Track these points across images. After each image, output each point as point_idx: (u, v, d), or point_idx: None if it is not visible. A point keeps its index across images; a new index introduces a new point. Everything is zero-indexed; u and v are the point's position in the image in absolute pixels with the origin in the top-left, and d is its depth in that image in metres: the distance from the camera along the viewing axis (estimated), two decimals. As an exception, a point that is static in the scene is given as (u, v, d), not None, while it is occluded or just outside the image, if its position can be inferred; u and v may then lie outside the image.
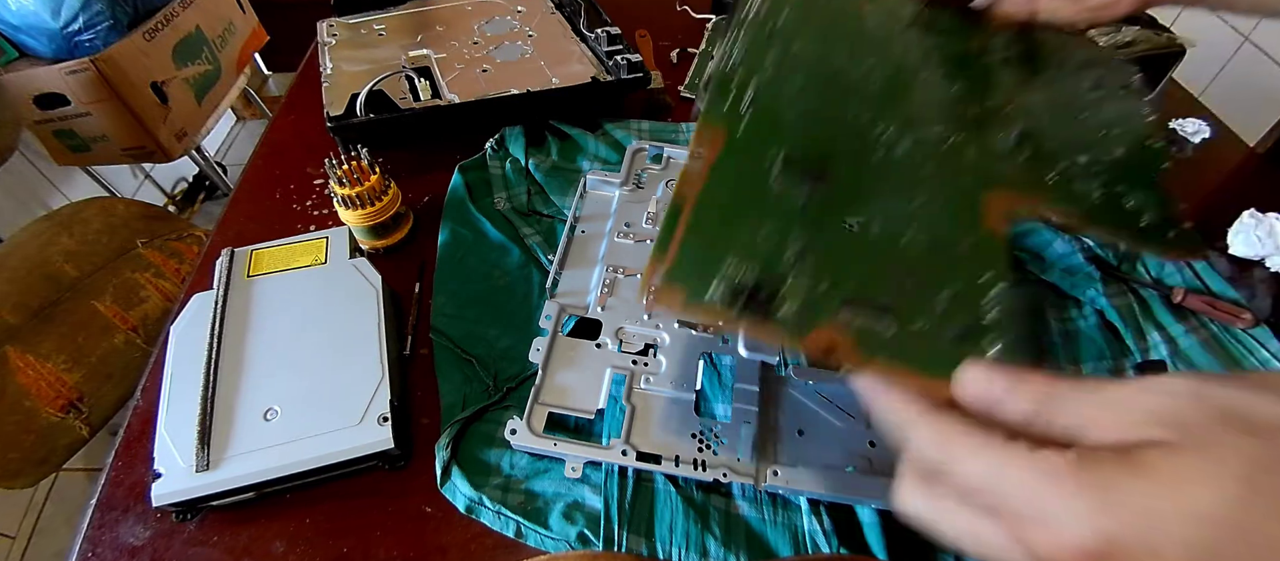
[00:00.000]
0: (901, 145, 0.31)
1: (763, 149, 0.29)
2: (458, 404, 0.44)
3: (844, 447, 0.37)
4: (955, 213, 0.29)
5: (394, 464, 0.41)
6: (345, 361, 0.42)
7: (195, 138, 1.46)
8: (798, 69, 0.33)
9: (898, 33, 0.36)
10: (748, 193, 0.28)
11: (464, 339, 0.47)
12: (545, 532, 0.38)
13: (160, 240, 0.99)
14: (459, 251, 0.53)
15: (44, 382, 0.82)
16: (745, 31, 0.34)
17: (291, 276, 0.48)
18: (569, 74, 0.66)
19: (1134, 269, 0.51)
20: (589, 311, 0.46)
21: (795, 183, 0.28)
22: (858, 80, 0.33)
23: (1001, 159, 0.32)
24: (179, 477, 0.38)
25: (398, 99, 0.63)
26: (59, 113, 1.25)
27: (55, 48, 1.20)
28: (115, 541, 0.39)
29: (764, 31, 0.34)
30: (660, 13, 0.85)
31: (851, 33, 0.36)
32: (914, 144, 0.31)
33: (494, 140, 0.62)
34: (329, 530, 0.39)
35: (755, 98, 0.31)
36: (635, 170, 0.56)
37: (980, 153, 0.31)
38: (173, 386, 0.41)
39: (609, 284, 0.48)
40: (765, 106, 0.31)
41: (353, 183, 0.50)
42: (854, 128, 0.31)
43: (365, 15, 0.78)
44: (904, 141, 0.31)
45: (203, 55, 1.44)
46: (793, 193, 0.28)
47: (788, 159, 0.29)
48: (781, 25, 0.35)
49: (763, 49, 0.33)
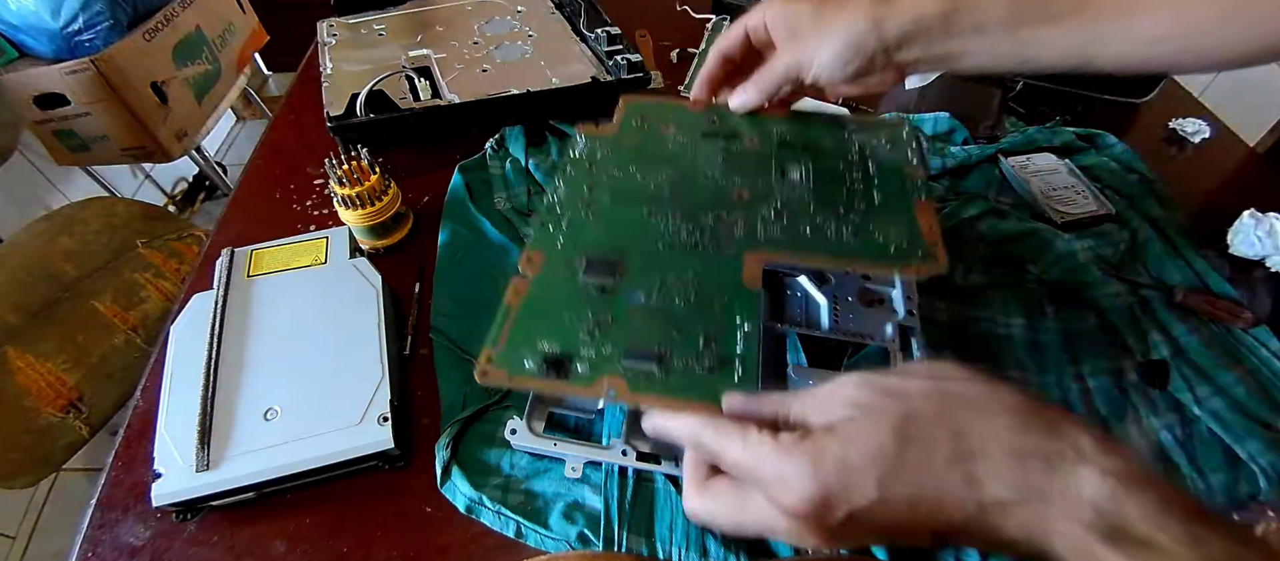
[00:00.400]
0: (681, 232, 0.40)
1: (571, 258, 0.38)
2: (458, 404, 0.44)
3: None
4: (719, 277, 0.37)
5: (394, 464, 0.41)
6: (345, 361, 0.42)
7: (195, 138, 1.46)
8: (604, 191, 0.42)
9: (691, 145, 0.46)
10: (558, 292, 0.37)
11: (464, 339, 0.47)
12: (545, 532, 0.38)
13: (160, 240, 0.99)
14: (459, 251, 0.53)
15: (44, 382, 0.82)
16: (568, 170, 0.44)
17: (291, 276, 0.48)
18: (569, 74, 0.66)
19: (1135, 269, 0.51)
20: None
21: (595, 275, 0.37)
22: (650, 191, 0.43)
23: (763, 226, 0.40)
24: (179, 477, 0.38)
25: (398, 99, 0.63)
26: (59, 113, 1.25)
27: (55, 48, 1.20)
28: (115, 541, 0.39)
29: (583, 168, 0.44)
30: (660, 13, 0.85)
31: (652, 155, 0.45)
32: (691, 229, 0.40)
33: (494, 140, 0.62)
34: (329, 530, 0.39)
35: (568, 225, 0.40)
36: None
37: (747, 225, 0.40)
38: (173, 386, 0.41)
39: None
40: (576, 228, 0.40)
41: (353, 183, 0.50)
42: (644, 227, 0.40)
43: (365, 15, 0.78)
44: (682, 229, 0.40)
45: (203, 55, 1.44)
46: (593, 285, 0.37)
47: (589, 261, 0.38)
48: (598, 160, 0.45)
49: (579, 183, 0.43)
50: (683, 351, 0.34)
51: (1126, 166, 0.59)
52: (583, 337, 0.35)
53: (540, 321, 0.35)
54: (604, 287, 0.37)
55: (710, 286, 0.37)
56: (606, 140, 0.46)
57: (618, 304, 0.36)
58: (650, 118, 0.48)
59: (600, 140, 0.46)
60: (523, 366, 0.34)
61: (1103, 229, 0.54)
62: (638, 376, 0.33)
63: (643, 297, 0.36)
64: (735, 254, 0.38)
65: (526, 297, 0.37)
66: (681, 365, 0.33)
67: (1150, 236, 0.53)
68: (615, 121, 0.48)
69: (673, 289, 0.37)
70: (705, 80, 0.47)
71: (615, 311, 0.36)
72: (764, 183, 0.43)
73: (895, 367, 0.27)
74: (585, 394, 0.33)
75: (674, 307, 0.36)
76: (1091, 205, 0.56)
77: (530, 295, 0.37)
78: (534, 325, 0.35)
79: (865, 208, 0.41)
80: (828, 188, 0.42)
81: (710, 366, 0.33)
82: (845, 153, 0.45)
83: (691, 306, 0.36)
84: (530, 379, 0.33)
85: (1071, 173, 0.59)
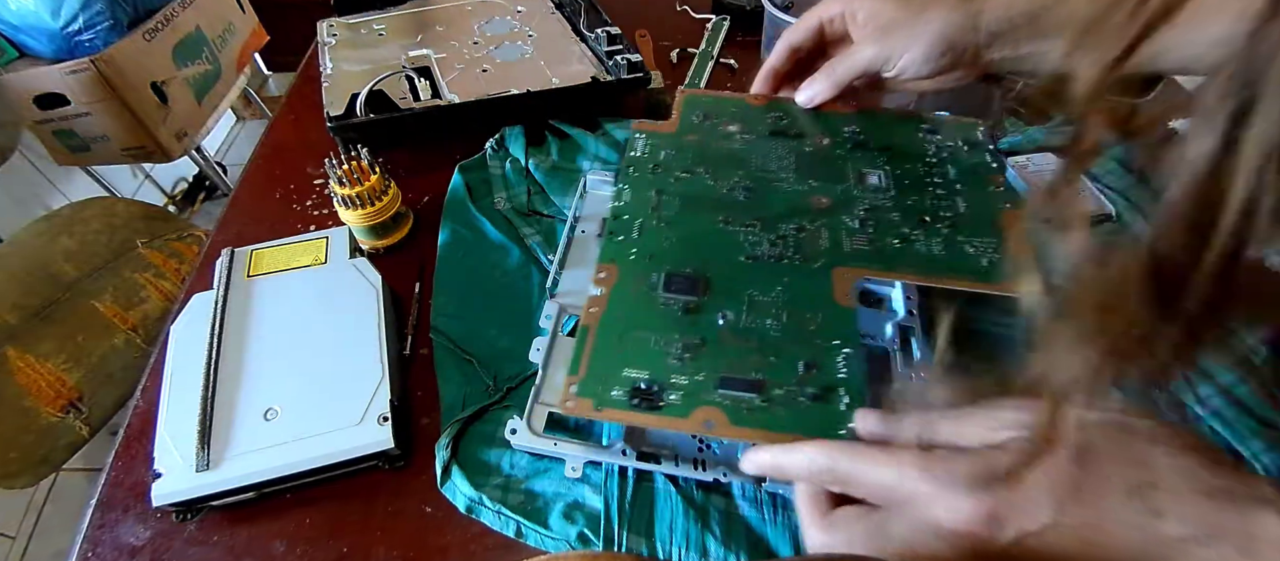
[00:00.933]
0: (762, 245, 0.37)
1: (647, 273, 0.36)
2: (458, 404, 0.44)
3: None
4: (808, 294, 0.35)
5: (394, 464, 0.41)
6: (345, 361, 0.42)
7: (195, 138, 1.45)
8: (674, 196, 0.40)
9: (759, 145, 0.43)
10: (638, 311, 0.34)
11: (464, 339, 0.47)
12: (545, 532, 0.38)
13: (160, 240, 0.99)
14: (459, 251, 0.53)
15: (44, 382, 0.82)
16: (632, 172, 0.42)
17: (291, 276, 0.48)
18: (569, 74, 0.66)
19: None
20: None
21: (678, 293, 0.35)
22: (724, 196, 0.40)
23: (849, 238, 0.38)
24: (179, 477, 0.38)
25: (398, 99, 0.63)
26: (59, 113, 1.25)
27: (55, 48, 1.20)
28: (115, 541, 0.39)
29: (646, 169, 0.42)
30: (660, 13, 0.85)
31: (718, 154, 0.43)
32: (774, 240, 0.37)
33: (494, 140, 0.62)
34: (329, 530, 0.39)
35: (640, 233, 0.38)
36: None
37: (830, 237, 0.38)
38: (173, 386, 0.41)
39: (609, 284, 0.48)
40: (648, 237, 0.38)
41: (353, 183, 0.50)
42: (721, 237, 0.38)
43: (365, 15, 0.78)
44: (764, 241, 0.37)
45: (203, 55, 1.44)
46: (675, 303, 0.34)
47: (669, 276, 0.36)
48: (662, 160, 0.43)
49: (645, 187, 0.41)
50: (781, 378, 0.31)
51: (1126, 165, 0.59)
52: (672, 363, 0.32)
53: (624, 345, 0.33)
54: (688, 307, 0.34)
55: (801, 304, 0.34)
56: (667, 138, 0.43)
57: (705, 325, 0.34)
58: (711, 113, 0.45)
59: (660, 138, 0.43)
60: (610, 397, 0.31)
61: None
62: (738, 408, 0.31)
63: (731, 317, 0.34)
64: (823, 267, 0.36)
65: (604, 317, 0.34)
66: (783, 394, 0.31)
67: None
68: (674, 117, 0.45)
69: (761, 307, 0.34)
70: (769, 73, 0.44)
71: (705, 333, 0.33)
72: (843, 188, 0.40)
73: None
74: (681, 428, 0.30)
75: (766, 329, 0.33)
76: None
77: (608, 314, 0.34)
78: (617, 349, 0.33)
79: (952, 217, 0.38)
80: (910, 194, 0.40)
81: (814, 394, 0.31)
82: (922, 155, 0.42)
83: (784, 327, 0.33)
84: (621, 411, 0.31)
85: (1072, 172, 0.59)
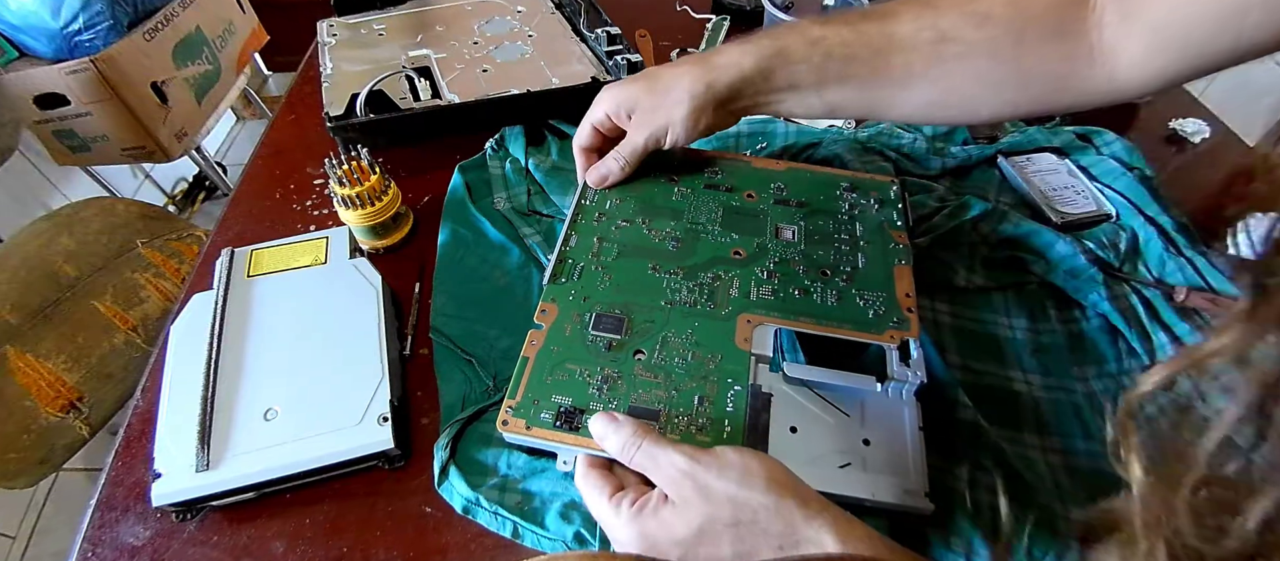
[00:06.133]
0: (681, 291, 0.42)
1: (582, 312, 0.41)
2: (457, 404, 0.44)
3: (837, 444, 0.37)
4: (714, 337, 0.40)
5: (394, 464, 0.41)
6: (345, 361, 0.42)
7: (195, 138, 1.45)
8: (613, 243, 0.45)
9: (692, 198, 0.48)
10: (570, 345, 0.39)
11: (464, 339, 0.47)
12: (542, 532, 0.38)
13: (160, 240, 0.99)
14: (459, 251, 0.53)
15: (44, 383, 0.82)
16: (581, 221, 0.46)
17: (291, 276, 0.48)
18: (569, 74, 0.66)
19: (1135, 270, 0.51)
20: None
21: (604, 331, 0.40)
22: (656, 245, 0.45)
23: (757, 288, 0.42)
24: (179, 477, 0.38)
25: (398, 99, 0.63)
26: (59, 113, 1.25)
27: (55, 48, 1.19)
28: (115, 541, 0.39)
29: (592, 217, 0.47)
30: (660, 13, 0.85)
31: (657, 205, 0.48)
32: (691, 287, 0.42)
33: (494, 140, 0.62)
34: (329, 530, 0.39)
35: (580, 276, 0.43)
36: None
37: (741, 287, 0.42)
38: (173, 386, 0.41)
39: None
40: (586, 279, 0.43)
41: (353, 183, 0.50)
42: (649, 282, 0.43)
43: (365, 15, 0.78)
44: (683, 288, 0.42)
45: (203, 55, 1.44)
46: (600, 340, 0.40)
47: (598, 316, 0.40)
48: (608, 209, 0.47)
49: (590, 234, 0.45)
50: (680, 408, 0.37)
51: (1127, 164, 0.59)
52: (592, 393, 0.37)
53: (554, 374, 0.38)
54: (611, 344, 0.39)
55: (706, 346, 0.39)
56: (617, 188, 0.49)
57: (624, 360, 0.39)
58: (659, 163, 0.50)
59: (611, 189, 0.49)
60: (540, 418, 0.36)
61: (1103, 229, 0.54)
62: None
63: (645, 355, 0.39)
64: (730, 314, 0.41)
65: (541, 350, 0.39)
66: (677, 421, 0.36)
67: (1151, 236, 0.52)
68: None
69: (673, 347, 0.39)
70: (580, 152, 0.50)
71: (622, 367, 0.38)
72: (759, 242, 0.46)
73: (712, 461, 0.31)
74: (593, 448, 0.35)
75: (673, 366, 0.39)
76: (1091, 205, 0.56)
77: (545, 347, 0.39)
78: (549, 378, 0.38)
79: (850, 270, 0.44)
80: (818, 248, 0.45)
81: (702, 425, 0.36)
82: (836, 211, 0.48)
83: (689, 366, 0.39)
84: (546, 431, 0.36)
85: (1071, 172, 0.59)
